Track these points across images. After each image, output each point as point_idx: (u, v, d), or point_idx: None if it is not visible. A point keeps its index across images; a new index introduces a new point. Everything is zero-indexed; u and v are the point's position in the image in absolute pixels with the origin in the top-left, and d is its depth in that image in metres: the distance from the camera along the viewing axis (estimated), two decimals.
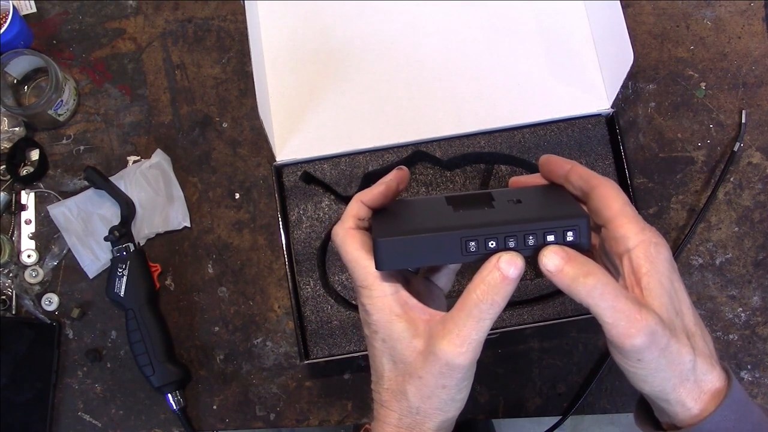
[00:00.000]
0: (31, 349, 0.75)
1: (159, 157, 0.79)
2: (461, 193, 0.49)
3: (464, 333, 0.41)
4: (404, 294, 0.44)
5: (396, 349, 0.44)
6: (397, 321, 0.44)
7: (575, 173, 0.46)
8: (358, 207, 0.47)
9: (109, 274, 0.75)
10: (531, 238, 0.41)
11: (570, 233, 0.41)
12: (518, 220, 0.42)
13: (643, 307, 0.39)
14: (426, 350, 0.43)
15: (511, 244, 0.41)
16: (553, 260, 0.40)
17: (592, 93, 0.76)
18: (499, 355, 0.76)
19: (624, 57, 0.67)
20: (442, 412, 0.44)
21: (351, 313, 0.73)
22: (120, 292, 0.74)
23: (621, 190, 0.44)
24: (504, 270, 0.41)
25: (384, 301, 0.44)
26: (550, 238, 0.41)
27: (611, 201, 0.43)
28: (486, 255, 0.42)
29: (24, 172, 0.79)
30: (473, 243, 0.42)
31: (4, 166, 0.79)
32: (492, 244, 0.42)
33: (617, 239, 0.42)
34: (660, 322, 0.39)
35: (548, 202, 0.47)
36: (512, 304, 0.73)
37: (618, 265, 0.43)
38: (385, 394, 0.45)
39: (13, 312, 0.77)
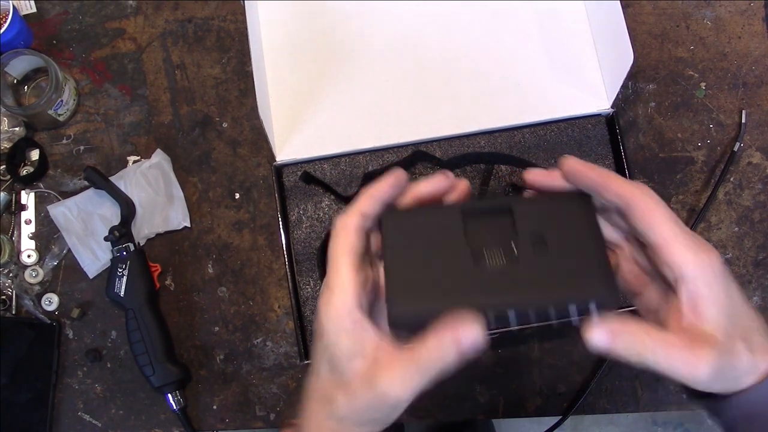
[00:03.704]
0: (31, 349, 0.75)
1: (159, 157, 0.79)
2: (481, 212, 0.44)
3: (407, 379, 0.41)
4: (360, 314, 0.42)
5: (336, 361, 0.43)
6: (345, 337, 0.42)
7: (608, 192, 0.42)
8: (368, 204, 0.45)
9: (109, 274, 0.75)
10: (552, 309, 0.40)
11: (593, 305, 0.40)
12: (539, 291, 0.40)
13: (697, 348, 0.39)
14: (366, 375, 0.42)
15: (532, 317, 0.40)
16: (599, 341, 0.39)
17: (592, 93, 0.76)
18: (499, 355, 0.76)
19: (624, 57, 0.67)
20: (367, 429, 0.43)
21: None
22: (120, 292, 0.74)
23: (663, 204, 0.41)
24: (462, 343, 0.40)
25: (339, 312, 0.42)
26: (572, 309, 0.40)
27: (657, 224, 0.40)
28: (504, 324, 0.41)
29: (24, 172, 0.79)
30: (492, 315, 0.40)
31: (4, 166, 0.79)
32: (511, 315, 0.40)
33: (669, 265, 0.40)
34: (718, 354, 0.39)
35: (575, 250, 0.42)
36: None
37: (667, 279, 0.42)
38: (316, 392, 0.45)
39: (13, 312, 0.77)
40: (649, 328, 0.40)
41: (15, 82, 0.80)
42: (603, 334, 0.39)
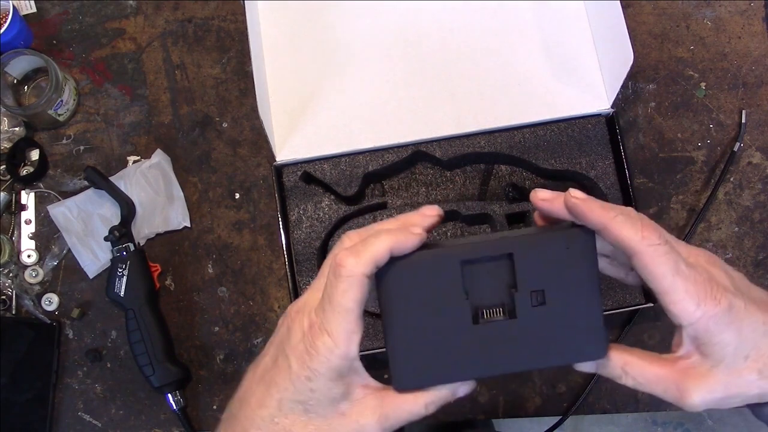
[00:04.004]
0: (31, 349, 0.75)
1: (159, 157, 0.79)
2: (480, 260, 0.43)
3: (390, 420, 0.42)
4: (357, 362, 0.42)
5: (316, 404, 0.42)
6: (339, 384, 0.42)
7: (609, 236, 0.40)
8: (383, 253, 0.40)
9: (109, 274, 0.75)
10: (549, 367, 0.44)
11: (589, 363, 0.44)
12: (537, 356, 0.42)
13: (691, 381, 0.40)
14: (348, 411, 0.42)
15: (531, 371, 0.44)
16: (590, 369, 0.43)
17: (592, 93, 0.76)
18: None
19: (624, 57, 0.67)
20: None
21: None
22: (120, 292, 0.74)
23: (666, 250, 0.39)
24: (455, 394, 0.43)
25: (338, 362, 0.41)
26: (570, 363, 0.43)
27: (659, 276, 0.39)
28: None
29: (24, 172, 0.79)
30: (494, 375, 0.43)
31: (4, 166, 0.79)
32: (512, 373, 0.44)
33: (672, 314, 0.40)
34: (714, 386, 0.40)
35: (573, 305, 0.42)
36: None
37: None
38: (275, 426, 0.43)
39: (13, 312, 0.77)
40: (642, 361, 0.42)
41: (15, 82, 0.80)
42: (592, 367, 0.43)
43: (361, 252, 0.40)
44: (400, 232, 0.41)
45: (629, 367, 0.42)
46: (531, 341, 0.42)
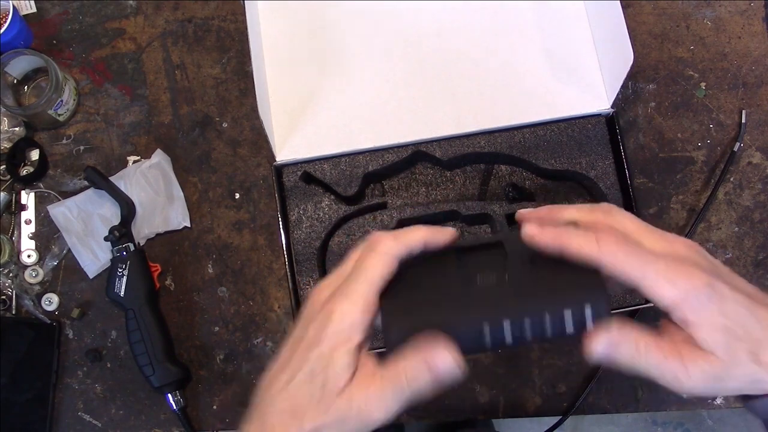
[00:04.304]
0: (31, 349, 0.75)
1: (159, 157, 0.79)
2: (472, 248, 0.45)
3: (384, 399, 0.41)
4: (368, 333, 0.43)
5: (321, 372, 0.42)
6: (345, 355, 0.42)
7: (570, 253, 0.42)
8: (417, 242, 0.44)
9: (109, 274, 0.75)
10: (548, 319, 0.41)
11: (588, 311, 0.40)
12: (534, 300, 0.41)
13: (689, 361, 0.40)
14: (345, 390, 0.42)
15: (527, 331, 0.41)
16: (601, 351, 0.40)
17: (592, 93, 0.76)
18: (499, 355, 0.76)
19: (624, 57, 0.67)
20: None
21: None
22: (120, 292, 0.74)
23: (623, 241, 0.41)
24: (432, 366, 0.41)
25: (350, 330, 0.42)
26: (568, 318, 0.41)
27: (626, 273, 0.40)
28: (502, 341, 0.41)
29: (24, 172, 0.79)
30: (487, 329, 0.41)
31: (4, 166, 0.79)
32: (507, 330, 0.41)
33: (654, 300, 0.41)
34: (711, 368, 0.40)
35: (565, 266, 0.42)
36: None
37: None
38: (283, 401, 0.43)
39: (13, 312, 0.77)
40: (646, 336, 0.41)
41: (15, 82, 0.80)
42: (604, 345, 0.40)
43: (399, 236, 0.43)
44: (435, 228, 0.44)
45: (642, 343, 0.40)
46: (527, 293, 0.42)
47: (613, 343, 0.40)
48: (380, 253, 0.43)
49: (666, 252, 0.41)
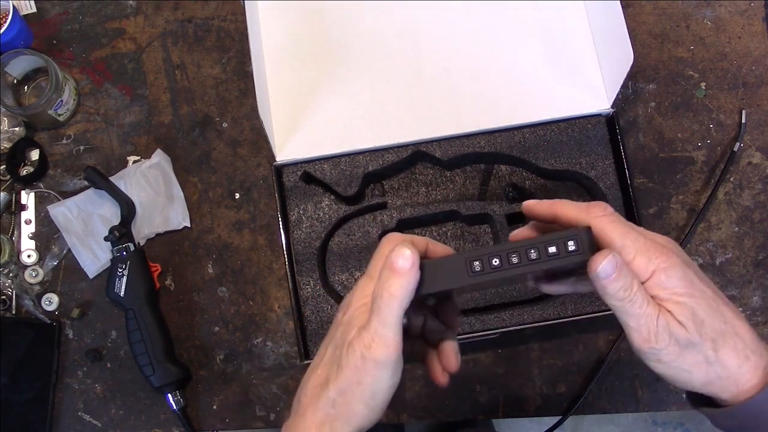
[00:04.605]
0: (31, 349, 0.75)
1: (159, 157, 0.79)
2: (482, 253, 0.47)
3: (372, 327, 0.43)
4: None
5: (341, 335, 0.45)
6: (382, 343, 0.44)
7: (563, 220, 0.45)
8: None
9: (109, 274, 0.75)
10: (533, 252, 0.42)
11: (571, 242, 0.41)
12: (520, 241, 0.43)
13: (664, 319, 0.42)
14: (350, 342, 0.44)
15: (514, 260, 0.42)
16: (606, 269, 0.41)
17: (592, 93, 0.76)
18: (499, 355, 0.76)
19: (624, 57, 0.67)
20: (354, 415, 0.44)
21: None
22: (120, 292, 0.74)
23: (615, 219, 0.43)
24: (393, 262, 0.43)
25: (384, 352, 0.43)
26: (552, 249, 0.41)
27: (609, 241, 0.43)
28: (491, 273, 0.42)
29: (24, 172, 0.79)
30: (477, 263, 0.43)
31: (4, 166, 0.79)
32: (495, 261, 0.42)
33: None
34: (679, 335, 0.42)
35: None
36: (512, 304, 0.73)
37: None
38: (316, 377, 0.46)
39: (13, 312, 0.77)
40: (640, 282, 0.42)
41: (15, 82, 0.80)
42: (609, 265, 0.41)
43: (411, 240, 0.46)
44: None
45: (637, 283, 0.42)
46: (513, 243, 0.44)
47: (617, 267, 0.41)
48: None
49: (648, 237, 0.43)
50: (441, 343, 0.50)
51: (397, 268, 0.42)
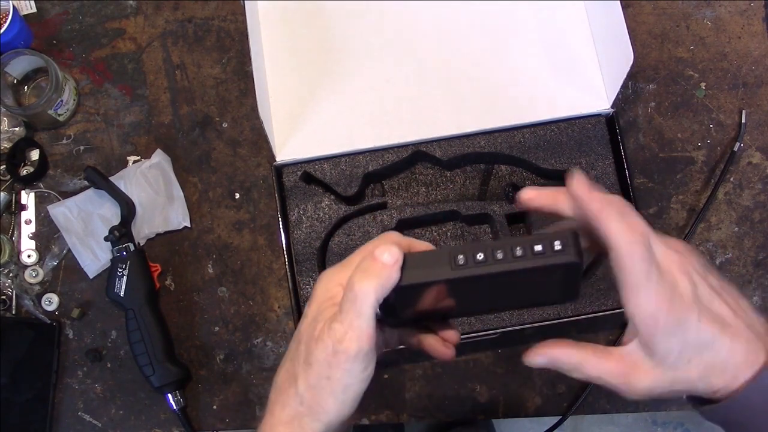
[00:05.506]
0: (31, 349, 0.75)
1: (159, 157, 0.79)
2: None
3: (346, 319, 0.42)
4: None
5: (309, 338, 0.44)
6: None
7: (600, 232, 0.42)
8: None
9: (109, 274, 0.75)
10: (519, 249, 0.41)
11: (557, 243, 0.41)
12: (506, 238, 0.42)
13: (633, 373, 0.42)
14: (319, 336, 0.43)
15: (499, 255, 0.41)
16: (538, 363, 0.43)
17: (592, 93, 0.76)
18: (499, 355, 0.76)
19: (624, 57, 0.67)
20: (324, 411, 0.43)
21: None
22: (120, 292, 0.74)
23: (645, 255, 0.40)
24: (378, 255, 0.42)
25: (357, 341, 0.42)
26: (538, 248, 0.41)
27: (628, 275, 0.40)
28: (474, 267, 0.42)
29: (24, 172, 0.79)
30: (461, 257, 0.42)
31: (4, 166, 0.79)
32: (480, 256, 0.41)
33: (627, 311, 0.41)
34: (655, 387, 0.42)
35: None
36: None
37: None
38: (281, 377, 0.45)
39: (13, 312, 0.77)
40: (587, 353, 0.43)
41: (15, 82, 0.80)
42: (542, 358, 0.43)
43: (393, 238, 0.46)
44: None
45: (583, 365, 0.43)
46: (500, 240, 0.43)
47: (550, 358, 0.43)
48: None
49: (663, 272, 0.41)
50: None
51: (379, 259, 0.42)
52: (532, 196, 0.44)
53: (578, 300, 0.72)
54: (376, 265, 0.42)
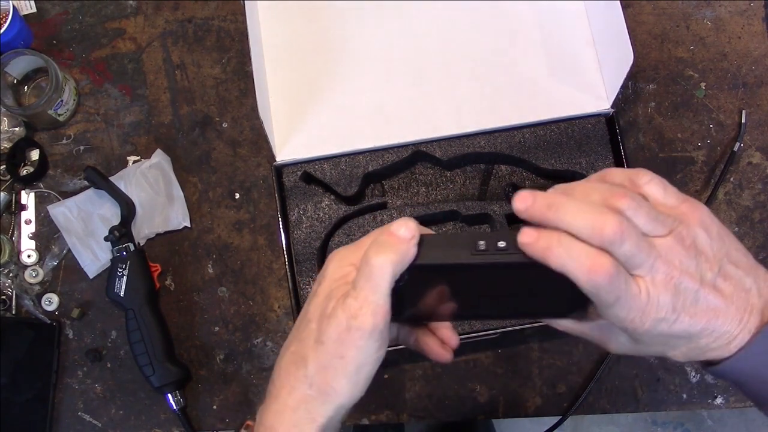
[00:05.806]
0: (31, 349, 0.75)
1: (159, 157, 0.79)
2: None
3: (361, 295, 0.40)
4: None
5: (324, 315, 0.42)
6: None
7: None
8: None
9: (109, 274, 0.75)
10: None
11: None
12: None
13: (610, 343, 0.44)
14: (332, 312, 0.41)
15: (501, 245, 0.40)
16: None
17: (592, 93, 0.76)
18: (499, 355, 0.76)
19: (624, 57, 0.67)
20: (335, 392, 0.42)
21: None
22: (120, 292, 0.74)
23: (618, 292, 0.39)
24: (394, 230, 0.40)
25: (371, 317, 0.41)
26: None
27: (605, 305, 0.40)
28: (495, 255, 0.40)
29: (24, 172, 0.79)
30: (482, 242, 0.40)
31: (4, 166, 0.79)
32: (501, 244, 0.40)
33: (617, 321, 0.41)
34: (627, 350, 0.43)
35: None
36: None
37: None
38: (293, 354, 0.43)
39: (13, 312, 0.77)
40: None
41: (15, 82, 0.80)
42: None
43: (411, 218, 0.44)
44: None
45: (565, 326, 0.44)
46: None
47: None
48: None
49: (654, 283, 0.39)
50: (431, 325, 0.48)
51: (396, 234, 0.40)
52: (521, 209, 0.40)
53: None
54: (392, 240, 0.40)
